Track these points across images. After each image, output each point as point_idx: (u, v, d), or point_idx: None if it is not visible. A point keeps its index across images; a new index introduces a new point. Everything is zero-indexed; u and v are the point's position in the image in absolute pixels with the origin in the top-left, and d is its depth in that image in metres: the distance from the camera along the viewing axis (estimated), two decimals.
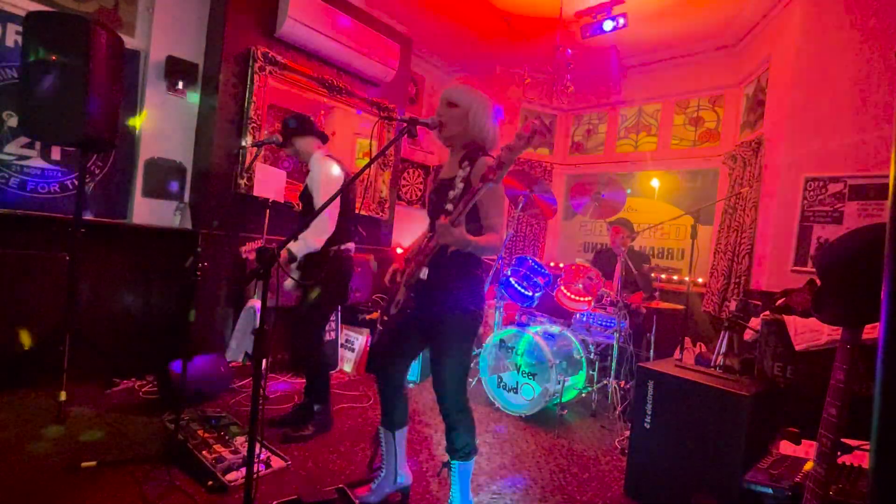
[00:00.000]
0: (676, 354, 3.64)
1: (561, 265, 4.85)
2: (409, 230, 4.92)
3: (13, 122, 2.79)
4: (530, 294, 3.51)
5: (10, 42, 2.82)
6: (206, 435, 2.21)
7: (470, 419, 1.74)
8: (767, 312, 2.54)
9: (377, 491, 1.90)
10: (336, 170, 2.43)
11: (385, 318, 1.80)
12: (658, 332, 3.52)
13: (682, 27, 4.08)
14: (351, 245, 2.56)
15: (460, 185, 1.65)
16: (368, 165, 1.56)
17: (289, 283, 2.51)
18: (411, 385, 3.48)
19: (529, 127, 1.36)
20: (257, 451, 1.39)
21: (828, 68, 3.11)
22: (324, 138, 2.61)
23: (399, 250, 3.90)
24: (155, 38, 3.30)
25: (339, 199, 2.34)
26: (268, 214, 3.13)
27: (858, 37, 2.99)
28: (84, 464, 1.91)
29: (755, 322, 2.72)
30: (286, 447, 2.29)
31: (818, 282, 1.23)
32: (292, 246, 2.29)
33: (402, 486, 1.96)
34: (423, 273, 1.63)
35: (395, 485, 1.93)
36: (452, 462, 1.75)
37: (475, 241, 1.55)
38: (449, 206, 1.62)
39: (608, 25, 3.77)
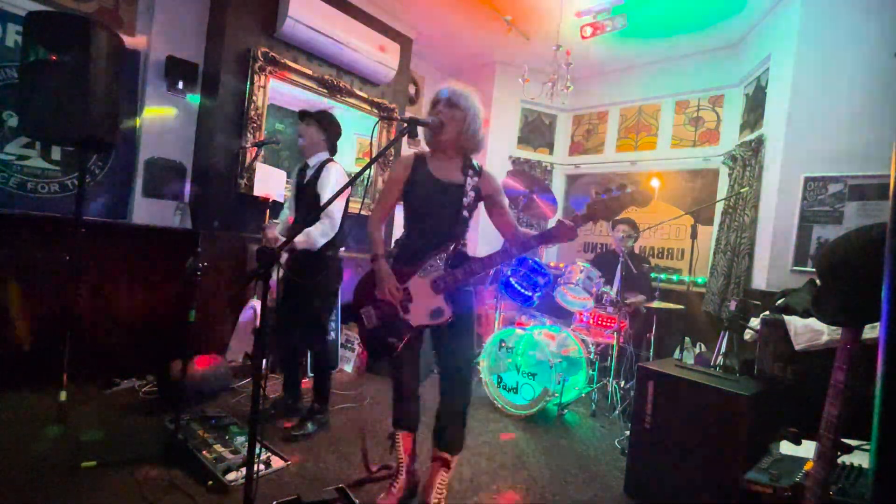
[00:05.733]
0: (676, 354, 3.64)
1: (561, 265, 4.84)
2: None
3: (13, 122, 2.79)
4: (530, 294, 3.51)
5: (10, 42, 2.82)
6: (206, 435, 2.21)
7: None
8: (767, 312, 2.54)
9: (395, 494, 1.88)
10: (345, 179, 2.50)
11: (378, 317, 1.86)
12: (658, 332, 3.51)
13: (682, 27, 4.07)
14: (343, 250, 2.64)
15: (471, 194, 1.72)
16: (369, 166, 1.55)
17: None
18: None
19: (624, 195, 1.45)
20: (257, 451, 1.39)
21: (828, 68, 3.11)
22: (335, 150, 2.67)
23: None
24: (155, 38, 3.30)
25: (347, 204, 2.55)
26: (268, 214, 3.13)
27: (858, 37, 2.99)
28: (84, 464, 1.91)
29: (755, 322, 2.72)
30: (286, 447, 2.29)
31: (818, 282, 1.23)
32: (297, 237, 2.27)
33: (413, 484, 1.99)
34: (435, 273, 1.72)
35: (406, 486, 1.95)
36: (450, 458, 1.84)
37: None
38: (465, 213, 1.73)
39: (608, 25, 3.77)
